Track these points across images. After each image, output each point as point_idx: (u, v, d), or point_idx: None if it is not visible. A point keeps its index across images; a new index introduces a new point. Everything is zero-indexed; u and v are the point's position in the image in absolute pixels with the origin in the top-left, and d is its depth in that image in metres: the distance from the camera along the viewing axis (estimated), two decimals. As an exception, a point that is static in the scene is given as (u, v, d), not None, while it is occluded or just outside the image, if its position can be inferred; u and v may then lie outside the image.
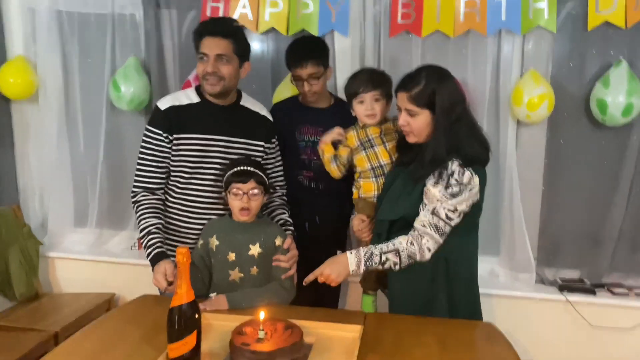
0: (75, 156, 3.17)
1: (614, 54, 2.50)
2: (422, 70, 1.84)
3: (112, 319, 1.89)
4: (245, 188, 1.90)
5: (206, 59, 1.99)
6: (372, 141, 2.08)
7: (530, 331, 2.65)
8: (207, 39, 2.00)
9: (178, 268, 1.47)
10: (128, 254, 3.13)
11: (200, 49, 2.01)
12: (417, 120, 1.81)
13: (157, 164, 2.06)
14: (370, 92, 2.01)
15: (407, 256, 1.79)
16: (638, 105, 2.39)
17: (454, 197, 1.76)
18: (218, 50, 1.99)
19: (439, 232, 1.79)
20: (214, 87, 2.02)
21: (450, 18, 2.53)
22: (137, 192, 2.08)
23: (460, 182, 1.76)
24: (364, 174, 2.10)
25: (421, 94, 1.78)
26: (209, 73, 1.99)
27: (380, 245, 1.80)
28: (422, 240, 1.79)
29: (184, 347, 1.46)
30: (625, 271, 2.66)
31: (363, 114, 2.04)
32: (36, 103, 3.16)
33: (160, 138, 2.04)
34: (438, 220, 1.78)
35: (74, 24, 3.01)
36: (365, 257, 1.78)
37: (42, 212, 3.31)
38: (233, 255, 1.95)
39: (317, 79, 2.28)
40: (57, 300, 3.02)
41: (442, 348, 1.68)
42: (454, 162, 1.77)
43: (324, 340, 1.66)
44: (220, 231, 1.98)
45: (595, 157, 2.63)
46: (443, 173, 1.78)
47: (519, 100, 2.47)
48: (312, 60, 2.25)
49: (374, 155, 2.08)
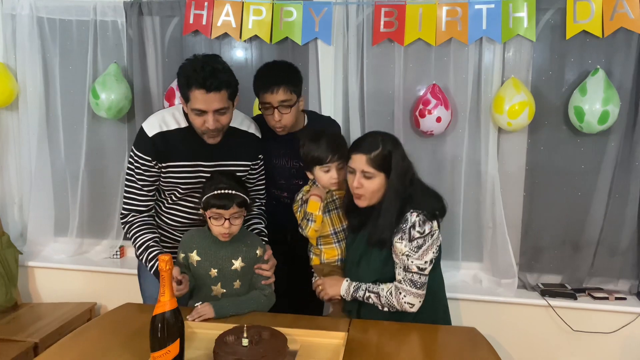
0: (55, 164, 3.12)
1: (592, 63, 2.56)
2: (377, 135, 1.89)
3: (94, 328, 1.86)
4: (227, 214, 1.84)
5: (204, 114, 1.87)
6: (336, 202, 2.03)
7: (513, 336, 2.68)
8: (199, 93, 1.83)
9: (161, 275, 1.45)
10: (109, 262, 3.10)
11: (193, 104, 1.85)
12: (373, 183, 1.84)
13: (147, 188, 2.03)
14: (336, 162, 1.93)
15: (386, 303, 1.87)
16: (614, 112, 2.44)
17: (419, 249, 1.81)
18: (215, 105, 1.85)
19: (416, 286, 1.84)
20: (215, 139, 1.95)
21: (432, 27, 2.57)
22: (126, 214, 2.05)
23: (422, 232, 1.81)
24: (325, 240, 2.04)
25: (379, 157, 1.82)
26: (212, 130, 1.89)
27: (368, 284, 1.91)
28: (400, 295, 1.85)
29: (167, 356, 1.45)
30: (606, 276, 2.70)
31: (328, 182, 1.96)
32: (16, 110, 3.12)
33: (149, 164, 1.99)
34: (412, 275, 1.84)
35: (55, 31, 2.99)
36: (354, 288, 1.92)
37: (21, 221, 3.25)
38: (215, 271, 1.92)
39: (288, 108, 2.06)
40: (36, 310, 2.96)
41: (426, 353, 1.69)
42: (413, 213, 1.81)
43: (309, 347, 1.66)
44: (200, 247, 1.93)
45: (574, 163, 2.67)
46: (403, 227, 1.82)
47: (500, 108, 2.51)
48: (284, 86, 2.03)
49: (337, 217, 2.03)
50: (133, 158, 2.01)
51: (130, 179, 2.03)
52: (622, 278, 2.69)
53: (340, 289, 1.95)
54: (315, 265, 2.10)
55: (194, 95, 1.84)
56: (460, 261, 2.83)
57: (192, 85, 1.83)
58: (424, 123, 2.60)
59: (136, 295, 2.32)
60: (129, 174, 2.03)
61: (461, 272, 2.85)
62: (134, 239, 2.01)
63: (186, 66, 1.87)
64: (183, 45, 2.86)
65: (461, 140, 2.72)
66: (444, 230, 1.93)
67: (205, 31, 2.75)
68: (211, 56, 1.91)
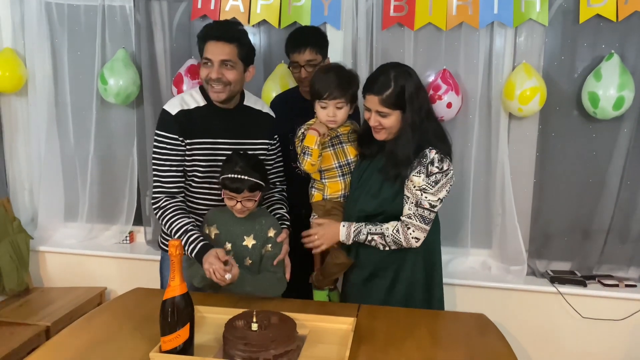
0: (65, 149, 3.14)
1: (606, 47, 2.51)
2: (389, 71, 1.85)
3: (104, 313, 1.88)
4: (239, 197, 1.89)
5: (210, 64, 1.95)
6: (341, 138, 2.05)
7: (522, 322, 2.67)
8: (210, 43, 1.95)
9: (171, 260, 1.46)
10: (119, 248, 3.12)
11: (204, 54, 1.97)
12: (389, 120, 1.85)
13: (176, 168, 2.02)
14: (334, 100, 1.94)
15: (392, 241, 1.88)
16: (629, 98, 2.41)
17: (436, 184, 1.82)
18: (222, 55, 1.94)
19: (424, 222, 1.86)
20: (219, 94, 1.98)
21: (442, 11, 2.53)
22: (159, 198, 2.01)
23: (440, 169, 1.82)
24: (329, 173, 2.05)
25: (392, 97, 1.82)
26: (213, 79, 1.95)
27: (369, 226, 1.90)
28: (408, 230, 1.86)
29: (177, 340, 1.46)
30: (616, 263, 2.69)
31: (324, 119, 1.98)
32: (25, 96, 3.13)
33: (177, 142, 1.99)
34: (423, 210, 1.84)
35: (64, 16, 2.99)
36: (354, 232, 1.91)
37: (32, 206, 3.28)
38: (229, 245, 1.96)
39: (314, 67, 2.26)
40: (47, 294, 3.00)
41: (435, 339, 1.69)
42: (432, 150, 1.82)
43: (318, 332, 1.67)
44: (220, 221, 1.99)
45: (586, 150, 2.65)
46: (422, 162, 1.82)
47: (511, 94, 2.48)
48: (310, 47, 2.26)
49: (342, 152, 2.05)
50: (158, 140, 2.01)
51: (158, 162, 2.01)
52: (632, 265, 2.67)
53: (338, 235, 1.93)
54: (317, 202, 2.08)
55: (206, 48, 1.96)
56: (469, 248, 2.82)
57: (206, 37, 1.96)
58: (434, 109, 2.57)
59: (145, 279, 2.34)
60: (156, 157, 2.01)
61: (470, 259, 2.84)
62: (169, 222, 1.96)
63: (208, 24, 2.03)
64: (191, 30, 2.84)
65: (471, 126, 2.69)
66: (452, 217, 1.94)
67: (214, 16, 2.73)
68: (231, 19, 2.00)
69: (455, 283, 2.70)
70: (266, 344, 1.48)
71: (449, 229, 2.13)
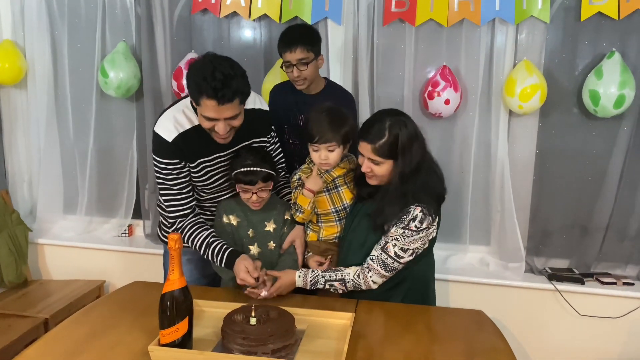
0: (64, 142, 3.14)
1: (607, 45, 2.51)
2: (384, 120, 1.81)
3: (103, 305, 1.89)
4: (254, 189, 1.94)
5: (215, 120, 1.80)
6: (336, 182, 2.03)
7: (520, 319, 2.68)
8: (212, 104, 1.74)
9: (170, 254, 1.46)
10: (118, 241, 3.12)
11: (204, 112, 1.78)
12: (381, 168, 1.83)
13: (185, 189, 1.97)
14: (325, 144, 1.91)
15: (352, 286, 1.88)
16: (630, 96, 2.40)
17: (407, 238, 1.80)
18: (228, 114, 1.78)
19: (386, 269, 1.84)
20: (225, 140, 1.88)
21: (444, 7, 2.53)
22: (174, 222, 1.99)
23: (419, 228, 1.80)
24: (325, 217, 2.04)
25: (385, 146, 1.79)
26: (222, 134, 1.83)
27: (328, 273, 1.90)
28: (368, 274, 1.86)
29: (175, 333, 1.47)
30: (614, 261, 2.69)
31: (317, 161, 1.96)
32: (24, 88, 3.12)
33: (180, 166, 1.93)
34: (387, 257, 1.83)
35: (64, 8, 2.97)
36: (311, 281, 1.90)
37: (31, 199, 3.28)
38: (252, 232, 2.03)
39: (305, 65, 2.26)
40: (46, 286, 3.01)
41: (432, 335, 1.70)
42: (417, 207, 1.79)
43: (316, 327, 1.67)
44: (238, 211, 2.04)
45: (585, 148, 2.65)
46: (404, 218, 1.80)
47: (512, 91, 2.48)
48: (301, 45, 2.24)
49: (337, 196, 2.03)
50: (159, 166, 1.92)
51: (164, 187, 1.95)
52: (630, 263, 2.68)
53: (294, 284, 1.90)
54: (312, 242, 2.09)
55: (204, 104, 1.75)
56: (468, 244, 2.82)
57: (202, 93, 1.73)
58: (432, 105, 2.58)
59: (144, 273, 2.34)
60: (160, 182, 1.95)
61: (468, 255, 2.84)
62: (191, 240, 1.97)
63: (196, 70, 1.75)
64: (191, 23, 2.83)
65: (471, 123, 2.69)
66: (451, 213, 1.93)
67: (214, 10, 2.72)
68: (222, 59, 1.77)
69: (453, 279, 2.71)
70: (265, 338, 1.48)
71: (447, 225, 2.12)
